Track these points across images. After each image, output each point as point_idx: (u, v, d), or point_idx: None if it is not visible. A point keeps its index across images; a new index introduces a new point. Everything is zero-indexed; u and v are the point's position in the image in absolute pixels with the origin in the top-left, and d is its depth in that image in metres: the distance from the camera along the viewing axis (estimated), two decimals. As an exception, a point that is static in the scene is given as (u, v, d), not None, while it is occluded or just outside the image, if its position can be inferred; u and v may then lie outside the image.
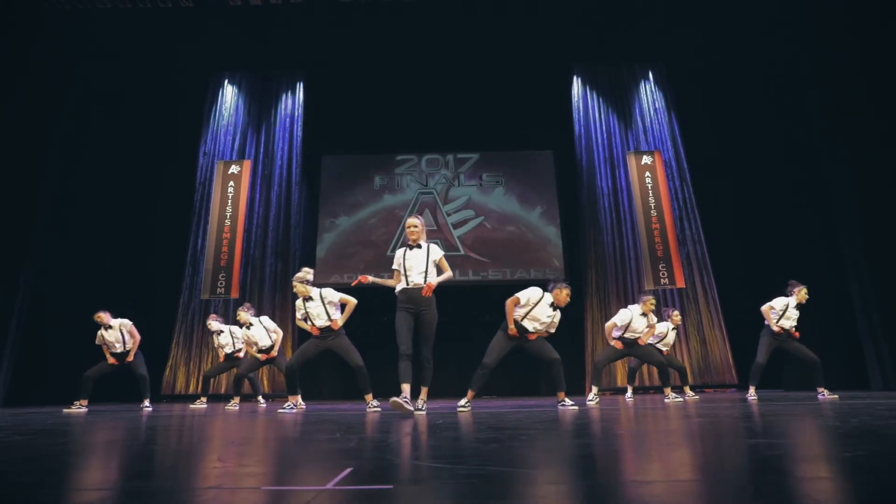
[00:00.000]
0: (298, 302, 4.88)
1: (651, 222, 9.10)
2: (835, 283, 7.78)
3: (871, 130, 7.33)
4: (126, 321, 6.05)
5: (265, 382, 8.32)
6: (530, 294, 4.53)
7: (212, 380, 7.21)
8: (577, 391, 8.47)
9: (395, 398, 3.78)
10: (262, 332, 6.14)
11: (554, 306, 4.56)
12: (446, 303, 9.26)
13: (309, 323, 4.78)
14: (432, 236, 9.75)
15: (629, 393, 6.71)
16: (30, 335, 7.72)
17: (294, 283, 4.80)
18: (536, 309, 4.50)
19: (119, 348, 6.04)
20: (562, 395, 4.51)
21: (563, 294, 4.55)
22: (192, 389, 8.27)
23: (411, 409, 3.77)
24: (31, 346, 7.70)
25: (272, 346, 6.17)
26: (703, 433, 2.25)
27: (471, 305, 9.18)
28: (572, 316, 8.98)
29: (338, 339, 4.78)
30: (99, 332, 6.01)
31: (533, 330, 4.52)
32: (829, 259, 7.87)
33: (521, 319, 4.50)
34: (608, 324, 5.79)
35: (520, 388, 8.88)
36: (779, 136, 8.79)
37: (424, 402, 4.00)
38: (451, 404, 5.77)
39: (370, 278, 4.24)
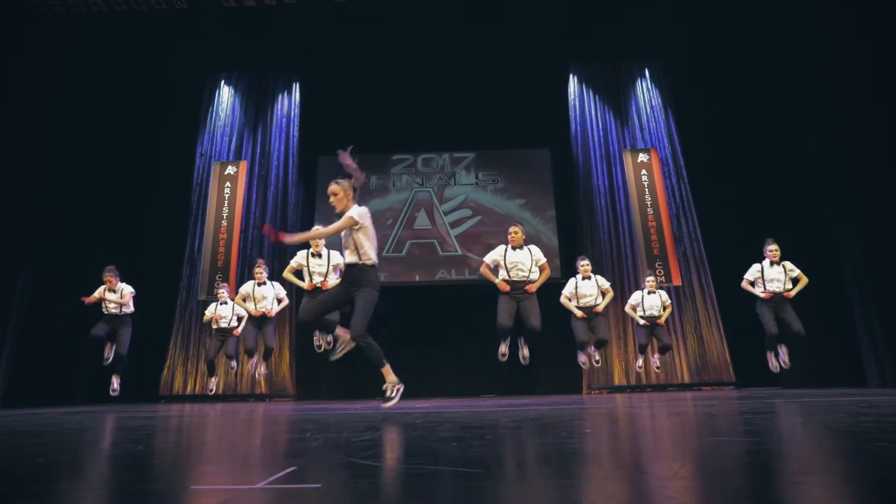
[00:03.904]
0: (301, 252, 5.16)
1: (647, 220, 9.06)
2: (832, 281, 7.73)
3: (871, 128, 7.27)
4: (130, 288, 6.49)
5: (262, 383, 8.34)
6: (494, 253, 4.88)
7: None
8: (576, 388, 8.46)
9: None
10: (270, 293, 6.29)
11: (516, 247, 4.81)
12: (444, 303, 9.30)
13: (307, 280, 4.94)
14: (428, 236, 9.79)
15: (640, 362, 6.95)
16: (28, 336, 7.79)
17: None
18: (508, 258, 4.75)
19: (114, 310, 6.35)
20: (525, 350, 4.83)
21: (517, 235, 4.81)
22: (189, 390, 8.32)
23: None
24: (30, 346, 7.77)
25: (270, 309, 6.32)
26: (663, 433, 2.24)
27: (468, 305, 9.17)
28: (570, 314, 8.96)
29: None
30: (102, 288, 6.34)
31: (523, 277, 4.69)
32: (827, 257, 7.82)
33: (508, 276, 4.72)
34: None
35: (518, 388, 8.87)
36: (777, 133, 8.73)
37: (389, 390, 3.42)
38: (448, 403, 5.78)
39: (289, 238, 3.57)
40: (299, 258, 5.13)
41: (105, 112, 9.35)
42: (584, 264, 6.08)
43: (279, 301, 6.60)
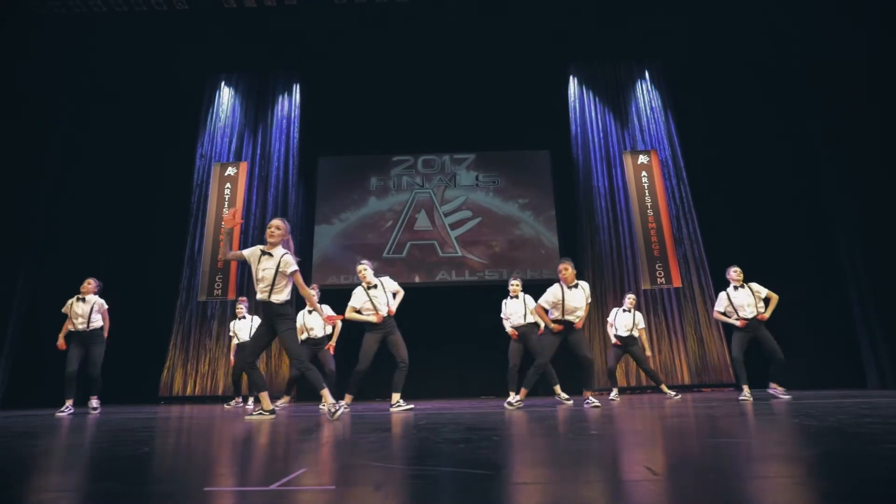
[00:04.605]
0: (358, 291, 4.97)
1: (648, 222, 9.08)
2: (832, 282, 7.76)
3: (870, 129, 7.30)
4: (101, 301, 5.78)
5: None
6: (551, 295, 4.69)
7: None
8: (575, 390, 8.45)
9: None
10: (319, 321, 6.04)
11: (571, 286, 4.69)
12: (444, 304, 9.29)
13: (371, 313, 4.86)
14: (428, 237, 9.80)
15: (614, 393, 6.56)
16: (28, 336, 7.77)
17: (362, 271, 4.94)
18: (567, 302, 4.62)
19: (81, 325, 5.61)
20: (587, 393, 4.65)
21: (567, 272, 4.68)
22: (189, 391, 8.30)
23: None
24: (29, 347, 7.75)
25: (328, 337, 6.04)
26: (668, 435, 2.24)
27: (468, 306, 9.17)
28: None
29: (395, 331, 4.90)
30: (70, 302, 5.69)
31: (577, 319, 4.66)
32: (827, 258, 7.85)
33: (563, 317, 4.66)
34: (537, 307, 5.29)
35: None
36: (776, 134, 8.77)
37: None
38: (449, 405, 5.79)
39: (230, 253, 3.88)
40: (359, 296, 4.99)
41: (105, 113, 9.34)
42: (515, 284, 5.81)
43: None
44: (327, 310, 5.25)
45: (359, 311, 4.91)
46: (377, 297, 4.90)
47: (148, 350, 8.48)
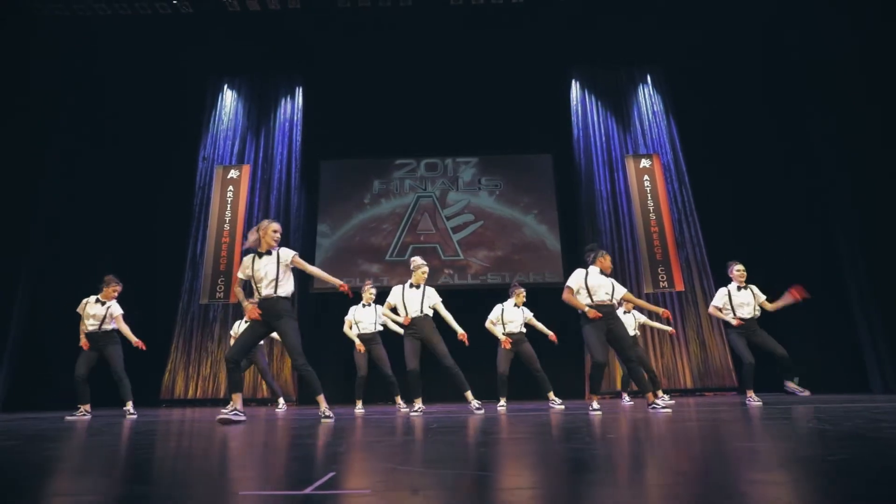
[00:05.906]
0: (397, 288, 5.06)
1: (650, 226, 9.10)
2: (834, 285, 7.77)
3: (871, 131, 7.33)
4: (118, 310, 5.59)
5: (264, 387, 8.30)
6: (575, 278, 4.51)
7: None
8: (577, 393, 8.45)
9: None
10: (369, 315, 5.97)
11: (602, 273, 4.50)
12: (446, 307, 9.25)
13: (403, 313, 4.90)
14: (431, 241, 9.80)
15: (626, 398, 6.56)
16: (30, 339, 7.74)
17: (423, 267, 5.05)
18: (591, 282, 4.44)
19: (93, 327, 5.45)
20: (650, 396, 4.32)
21: (607, 261, 4.54)
22: (191, 394, 8.27)
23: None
24: (32, 350, 7.71)
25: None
26: (686, 439, 2.24)
27: (469, 310, 9.13)
28: (572, 319, 8.96)
29: (431, 336, 4.85)
30: (84, 301, 5.54)
31: (609, 301, 4.41)
32: (829, 261, 7.86)
33: (593, 301, 4.40)
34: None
35: (520, 393, 8.84)
36: (777, 135, 8.80)
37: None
38: (454, 408, 5.77)
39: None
40: (395, 293, 5.03)
41: (107, 115, 9.33)
42: (521, 292, 5.81)
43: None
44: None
45: (394, 310, 4.94)
46: (411, 299, 4.92)
47: (149, 353, 8.40)
